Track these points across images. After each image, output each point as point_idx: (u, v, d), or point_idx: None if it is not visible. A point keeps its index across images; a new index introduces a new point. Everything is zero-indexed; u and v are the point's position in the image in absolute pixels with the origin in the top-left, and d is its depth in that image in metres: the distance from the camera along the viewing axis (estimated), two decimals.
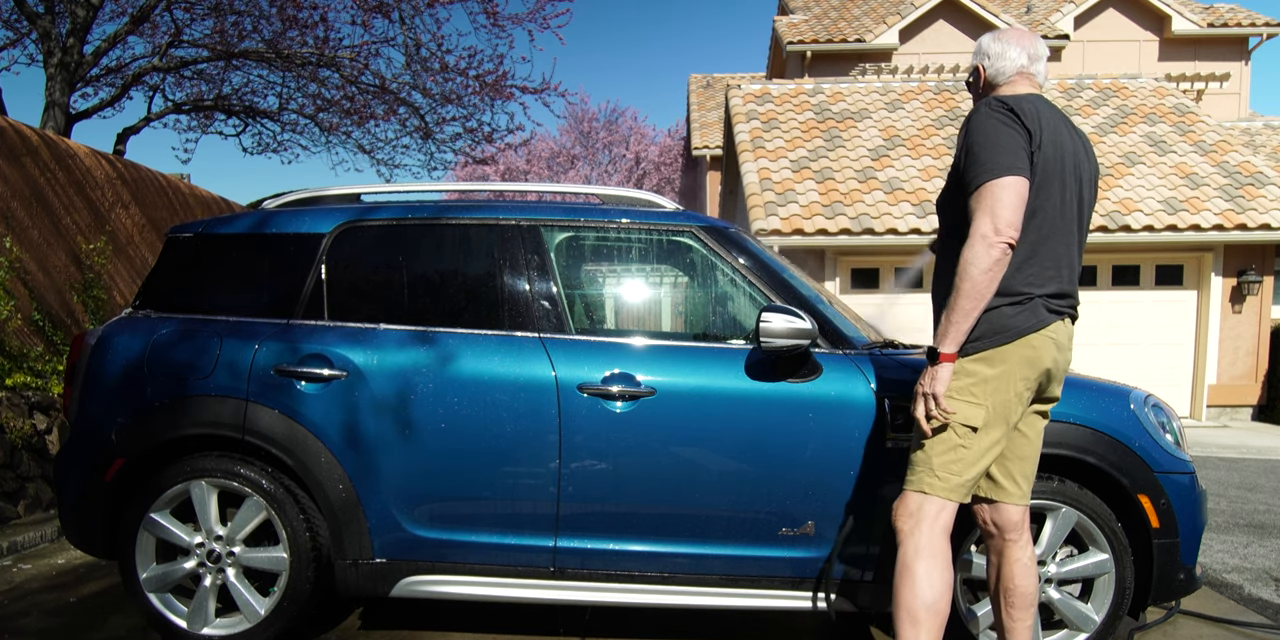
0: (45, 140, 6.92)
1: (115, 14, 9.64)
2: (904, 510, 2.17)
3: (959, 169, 2.16)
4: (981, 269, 2.00)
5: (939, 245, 2.35)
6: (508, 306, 2.79)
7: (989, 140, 2.07)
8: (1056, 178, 2.13)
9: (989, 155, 2.05)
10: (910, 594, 2.11)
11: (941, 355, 2.07)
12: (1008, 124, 2.09)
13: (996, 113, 2.11)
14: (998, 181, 2.03)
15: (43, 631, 2.99)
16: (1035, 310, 2.13)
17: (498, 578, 2.69)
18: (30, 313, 5.82)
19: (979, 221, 2.03)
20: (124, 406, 2.78)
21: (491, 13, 9.85)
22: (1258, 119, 15.23)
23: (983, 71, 2.31)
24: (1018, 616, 2.24)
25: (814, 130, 11.50)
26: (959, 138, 2.18)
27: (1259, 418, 10.18)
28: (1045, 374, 2.18)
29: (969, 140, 2.11)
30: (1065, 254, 2.18)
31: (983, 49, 2.31)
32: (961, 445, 2.12)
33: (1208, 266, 10.01)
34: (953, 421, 2.12)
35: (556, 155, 26.75)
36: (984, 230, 2.01)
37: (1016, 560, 2.24)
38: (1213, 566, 4.01)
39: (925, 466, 2.14)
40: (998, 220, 2.01)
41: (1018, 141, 2.07)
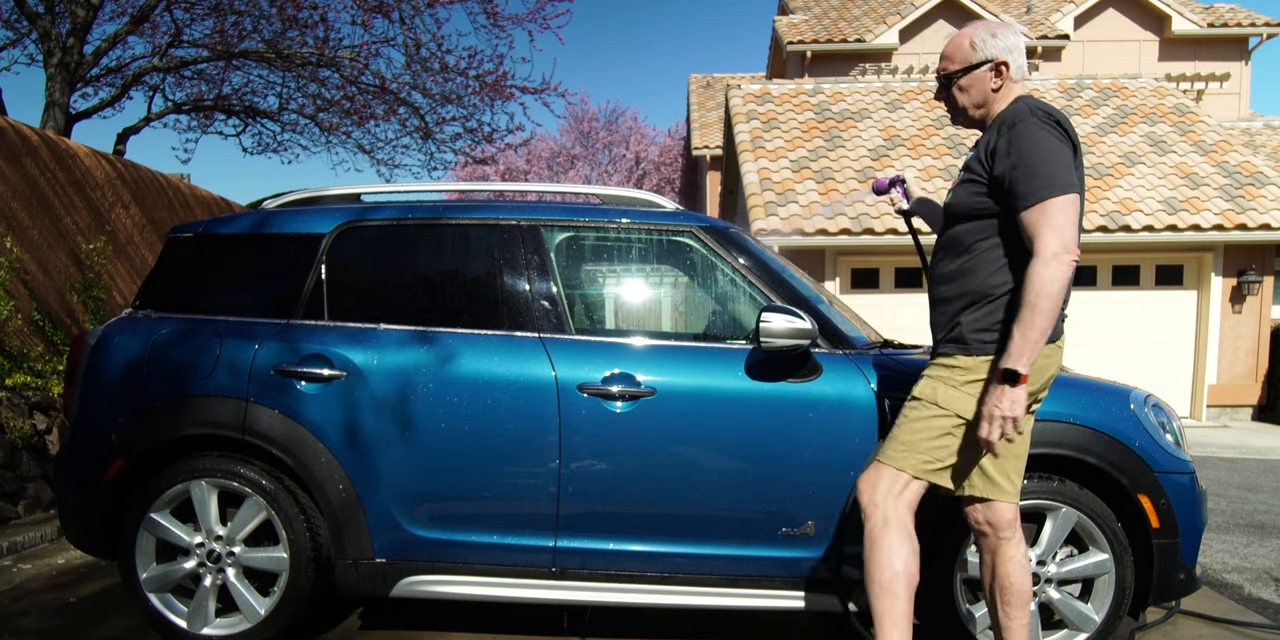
0: (45, 140, 6.92)
1: (115, 14, 9.64)
2: (874, 482, 2.20)
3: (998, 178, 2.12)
4: (1059, 287, 2.02)
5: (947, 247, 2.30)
6: (508, 306, 2.79)
7: (1049, 156, 2.07)
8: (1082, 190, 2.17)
9: (1051, 170, 2.05)
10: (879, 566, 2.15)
11: (1022, 376, 2.04)
12: (1060, 138, 2.10)
13: (1047, 125, 2.10)
14: (1062, 198, 2.04)
15: (43, 631, 2.99)
16: (1059, 321, 2.18)
17: (498, 578, 2.69)
18: (30, 313, 5.82)
19: (1047, 239, 2.03)
20: (124, 406, 2.78)
21: (491, 13, 9.85)
22: (1258, 119, 15.23)
23: (1008, 69, 2.23)
24: (1014, 614, 2.24)
25: (814, 130, 11.50)
26: (998, 144, 2.13)
27: (1259, 418, 10.18)
28: (1048, 383, 2.23)
29: (1024, 153, 2.08)
30: None
31: (1004, 44, 2.22)
32: (950, 435, 2.16)
33: (1208, 266, 10.01)
34: (951, 408, 2.15)
35: (556, 155, 26.75)
36: (1055, 248, 2.02)
37: (1010, 558, 2.24)
38: (1213, 566, 4.01)
39: (909, 446, 2.17)
40: (1065, 238, 2.03)
41: (1069, 157, 2.09)
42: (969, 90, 2.27)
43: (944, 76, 2.29)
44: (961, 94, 2.28)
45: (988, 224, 2.18)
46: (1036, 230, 2.05)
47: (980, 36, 2.23)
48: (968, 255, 2.21)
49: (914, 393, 2.23)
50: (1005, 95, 2.25)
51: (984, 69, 2.23)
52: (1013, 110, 2.18)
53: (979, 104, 2.28)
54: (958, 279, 2.24)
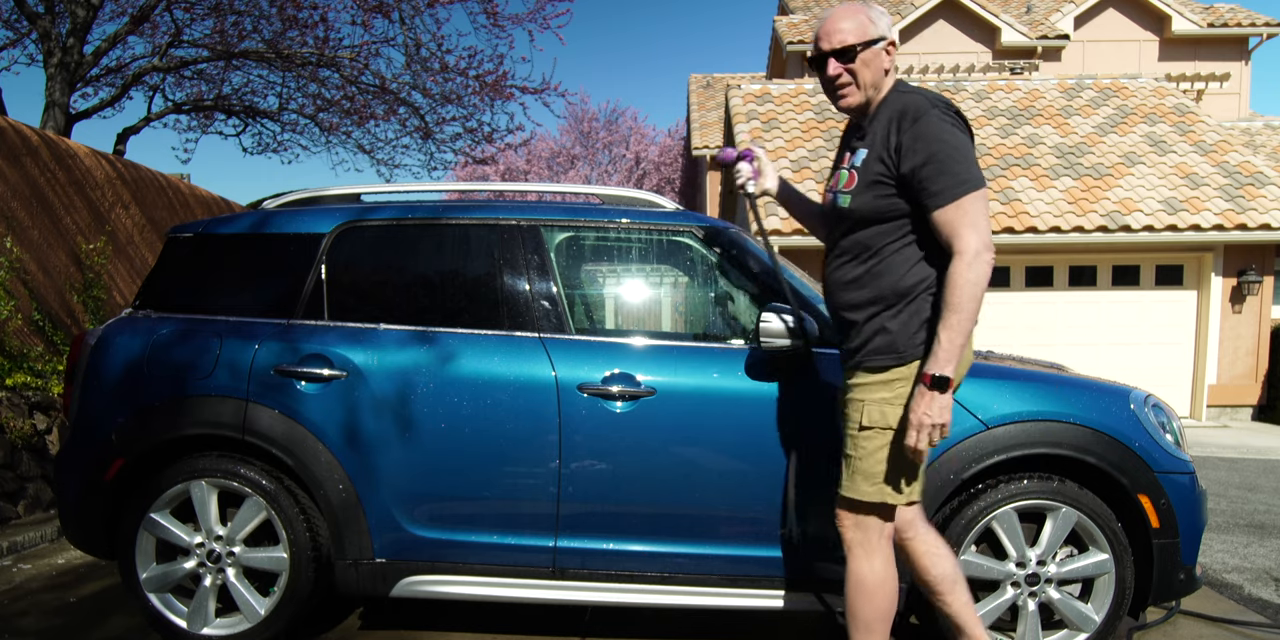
0: (45, 140, 6.92)
1: (115, 14, 9.64)
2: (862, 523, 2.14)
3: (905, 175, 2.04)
4: (983, 287, 1.97)
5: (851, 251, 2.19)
6: (508, 306, 2.79)
7: (958, 151, 2.01)
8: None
9: (962, 167, 1.99)
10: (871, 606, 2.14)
11: (952, 381, 2.00)
12: (963, 131, 2.05)
13: (950, 118, 2.04)
14: (976, 194, 1.99)
15: (43, 631, 2.99)
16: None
17: (498, 578, 2.69)
18: (30, 313, 5.82)
19: (968, 239, 1.97)
20: (124, 406, 2.78)
21: (491, 13, 9.85)
22: (1258, 119, 15.23)
23: (892, 52, 2.14)
24: (950, 599, 2.24)
25: (814, 130, 11.50)
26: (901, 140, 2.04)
27: (1259, 418, 10.18)
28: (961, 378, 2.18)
29: (933, 150, 2.00)
30: None
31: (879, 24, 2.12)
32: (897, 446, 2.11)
33: (1208, 266, 10.01)
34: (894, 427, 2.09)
35: (556, 155, 26.75)
36: (976, 247, 1.96)
37: (925, 552, 2.24)
38: (1213, 566, 4.01)
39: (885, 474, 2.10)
40: (984, 236, 1.98)
41: (973, 150, 2.05)
42: (871, 65, 2.12)
43: (842, 50, 2.11)
44: (864, 69, 2.12)
45: (898, 225, 2.10)
46: (955, 230, 1.98)
47: (874, 13, 2.14)
48: (876, 258, 2.13)
49: (863, 422, 2.11)
50: (888, 81, 2.16)
51: (880, 45, 2.12)
52: (908, 101, 2.08)
53: (874, 84, 2.14)
54: (869, 283, 2.14)
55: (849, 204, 2.14)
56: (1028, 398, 2.63)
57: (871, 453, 2.11)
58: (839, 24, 2.13)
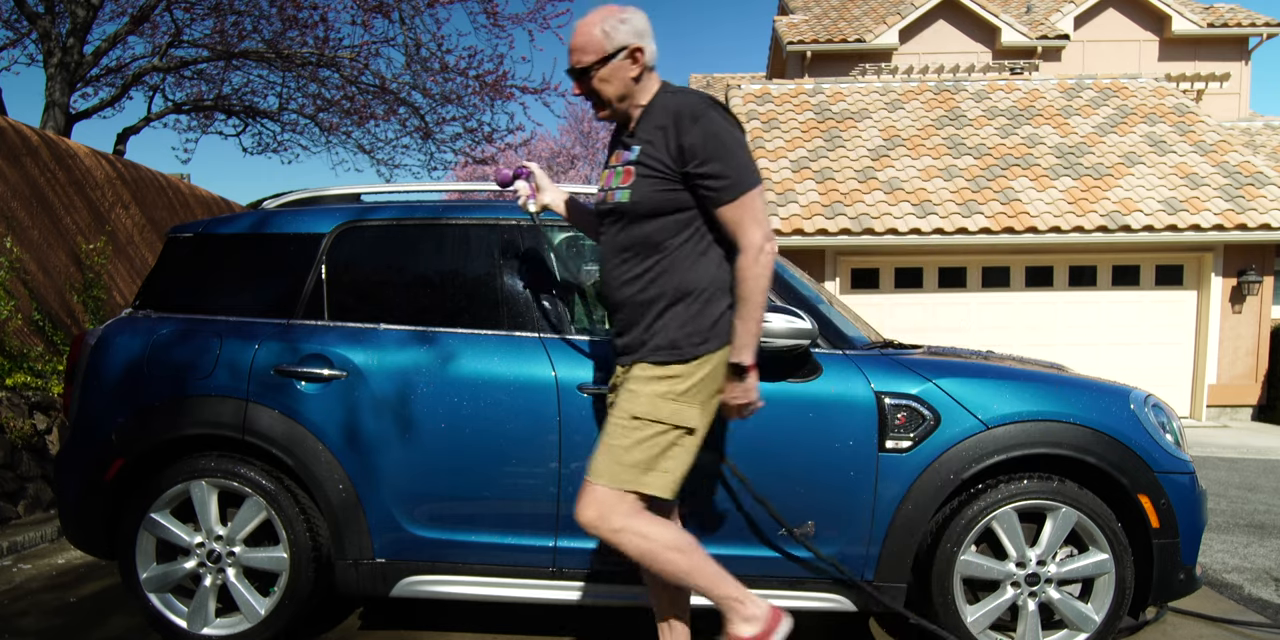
0: (45, 140, 6.92)
1: (115, 14, 9.65)
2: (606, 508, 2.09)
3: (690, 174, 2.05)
4: (768, 278, 2.06)
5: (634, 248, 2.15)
6: (508, 306, 2.79)
7: (738, 149, 2.06)
8: None
9: (742, 164, 2.05)
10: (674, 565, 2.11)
11: (750, 367, 2.10)
12: (740, 130, 2.09)
13: (729, 117, 2.09)
14: (756, 191, 2.06)
15: (43, 631, 2.99)
16: None
17: (498, 578, 2.69)
18: (30, 313, 5.82)
19: (752, 233, 2.04)
20: (124, 406, 2.78)
21: (491, 13, 9.85)
22: (1258, 119, 15.23)
23: (642, 56, 2.11)
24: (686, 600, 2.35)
25: (814, 130, 11.50)
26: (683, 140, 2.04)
27: (1259, 418, 10.18)
28: None
29: (715, 148, 2.02)
30: None
31: (635, 28, 2.10)
32: (678, 446, 2.11)
33: (1208, 266, 10.01)
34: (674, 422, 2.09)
35: (556, 155, 26.74)
36: (760, 241, 2.04)
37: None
38: (1213, 566, 4.01)
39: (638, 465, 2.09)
40: (766, 229, 2.06)
41: (749, 149, 2.10)
42: (611, 81, 2.12)
43: (580, 70, 2.12)
44: (605, 86, 2.12)
45: (679, 221, 2.10)
46: (740, 224, 2.05)
47: (610, 24, 2.09)
48: (660, 254, 2.11)
49: (630, 412, 2.09)
50: (648, 84, 2.15)
51: (620, 57, 2.09)
52: (682, 102, 2.08)
53: (623, 96, 2.14)
54: (656, 279, 2.12)
55: (629, 199, 2.13)
56: (1028, 398, 2.63)
57: (636, 442, 2.08)
58: (575, 41, 2.13)
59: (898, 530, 2.59)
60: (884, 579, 2.62)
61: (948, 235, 9.55)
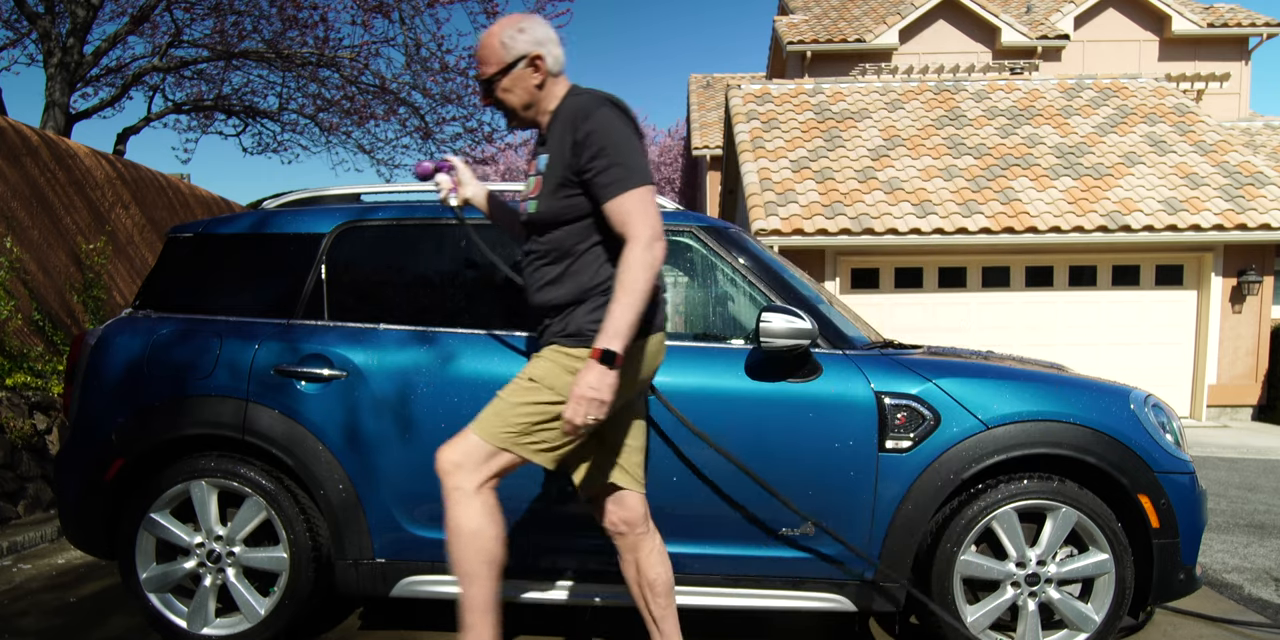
0: (45, 140, 6.92)
1: (115, 14, 9.65)
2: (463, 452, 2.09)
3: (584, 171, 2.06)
4: (655, 271, 2.02)
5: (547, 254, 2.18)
6: (507, 306, 2.79)
7: (628, 145, 2.06)
8: None
9: (632, 160, 2.05)
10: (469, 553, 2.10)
11: (618, 357, 1.99)
12: (631, 127, 2.10)
13: (621, 114, 2.09)
14: (644, 188, 2.05)
15: (43, 631, 2.99)
16: (662, 308, 2.20)
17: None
18: (30, 313, 5.82)
19: (640, 228, 2.02)
20: (124, 406, 2.78)
21: (491, 13, 9.85)
22: (1258, 119, 15.23)
23: (543, 63, 2.14)
24: (663, 603, 2.27)
25: (814, 130, 11.50)
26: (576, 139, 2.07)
27: (1259, 418, 10.18)
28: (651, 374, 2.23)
29: (606, 144, 2.04)
30: None
31: (534, 36, 2.13)
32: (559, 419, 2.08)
33: (1208, 266, 10.01)
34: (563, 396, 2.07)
35: None
36: (649, 235, 2.02)
37: (650, 551, 2.26)
38: (1213, 566, 4.01)
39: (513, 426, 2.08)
40: (654, 224, 2.03)
41: (642, 146, 2.10)
42: (514, 91, 2.16)
43: (485, 82, 2.18)
44: (508, 96, 2.17)
45: (584, 226, 2.13)
46: (628, 219, 2.03)
47: (508, 34, 2.13)
48: (571, 258, 2.15)
49: (529, 374, 2.13)
50: (554, 90, 2.18)
51: (520, 66, 2.13)
52: (579, 102, 2.11)
53: (528, 104, 2.18)
54: (566, 282, 2.15)
55: (535, 209, 2.17)
56: (1028, 398, 2.63)
57: (524, 403, 2.09)
58: (479, 54, 2.18)
59: (898, 530, 2.59)
60: (884, 579, 2.62)
61: (948, 235, 9.55)
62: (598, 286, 2.14)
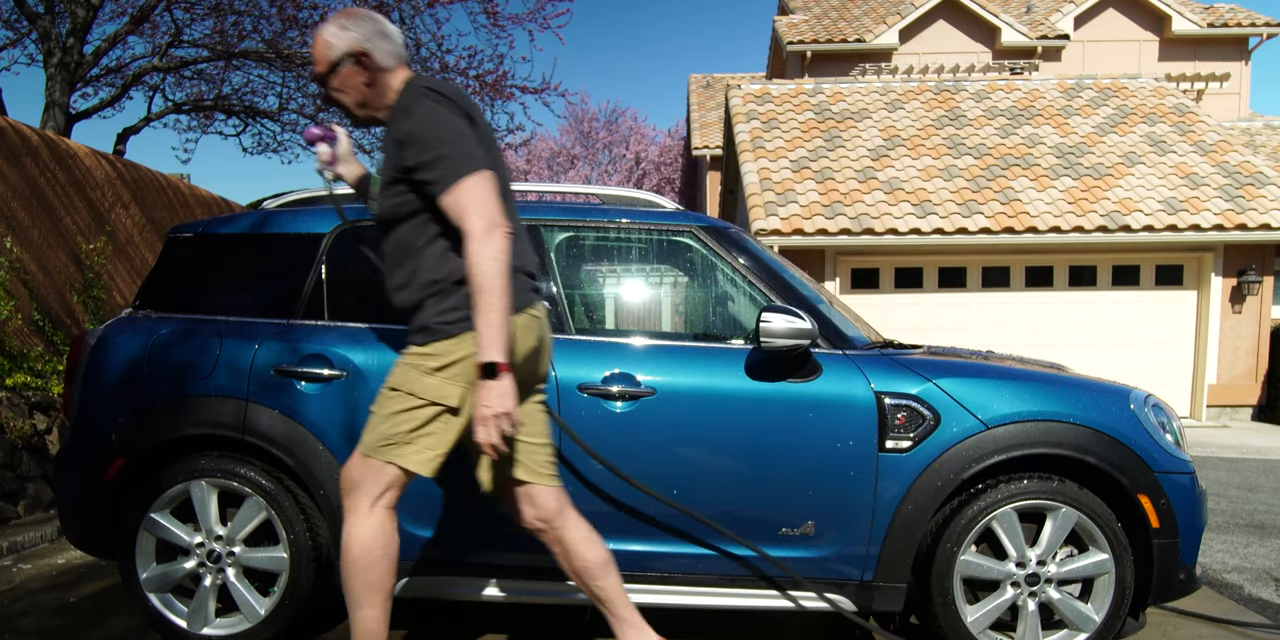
0: (45, 140, 6.92)
1: (115, 14, 9.64)
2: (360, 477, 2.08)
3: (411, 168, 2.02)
4: (503, 262, 1.95)
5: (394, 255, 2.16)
6: None
7: (448, 135, 1.98)
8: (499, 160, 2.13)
9: (454, 151, 1.98)
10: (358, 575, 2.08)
11: (500, 366, 1.95)
12: (455, 113, 2.01)
13: (438, 102, 2.01)
14: (475, 176, 1.97)
15: (43, 631, 2.99)
16: (521, 288, 2.11)
17: (498, 578, 2.69)
18: (30, 313, 5.82)
19: (473, 220, 1.95)
20: (124, 406, 2.78)
21: (491, 13, 9.85)
22: (1258, 119, 15.23)
23: (372, 57, 2.09)
24: (603, 584, 2.24)
25: (814, 130, 11.50)
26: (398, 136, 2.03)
27: (1259, 418, 10.18)
28: (532, 356, 2.15)
29: (424, 139, 1.98)
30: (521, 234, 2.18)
31: (359, 33, 2.10)
32: (435, 422, 2.07)
33: (1208, 266, 10.01)
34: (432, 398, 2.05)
35: (556, 155, 26.75)
36: (484, 227, 1.95)
37: (574, 539, 2.23)
38: (1213, 566, 4.01)
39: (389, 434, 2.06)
40: (490, 214, 1.96)
41: (467, 129, 2.02)
42: (345, 90, 2.13)
43: (318, 82, 2.16)
44: (341, 95, 2.14)
45: (419, 222, 2.08)
46: (461, 212, 1.97)
47: (331, 32, 2.10)
48: (414, 256, 2.10)
49: (390, 384, 2.09)
50: (388, 85, 2.12)
51: (346, 65, 2.10)
52: (401, 98, 2.06)
53: (361, 102, 2.14)
54: (413, 284, 2.11)
55: (375, 210, 2.15)
56: (1028, 398, 2.63)
57: (391, 413, 2.07)
58: (313, 53, 2.16)
59: (898, 530, 2.59)
60: (884, 579, 2.62)
61: (948, 235, 9.55)
62: (440, 281, 2.07)
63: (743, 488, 2.62)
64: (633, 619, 2.27)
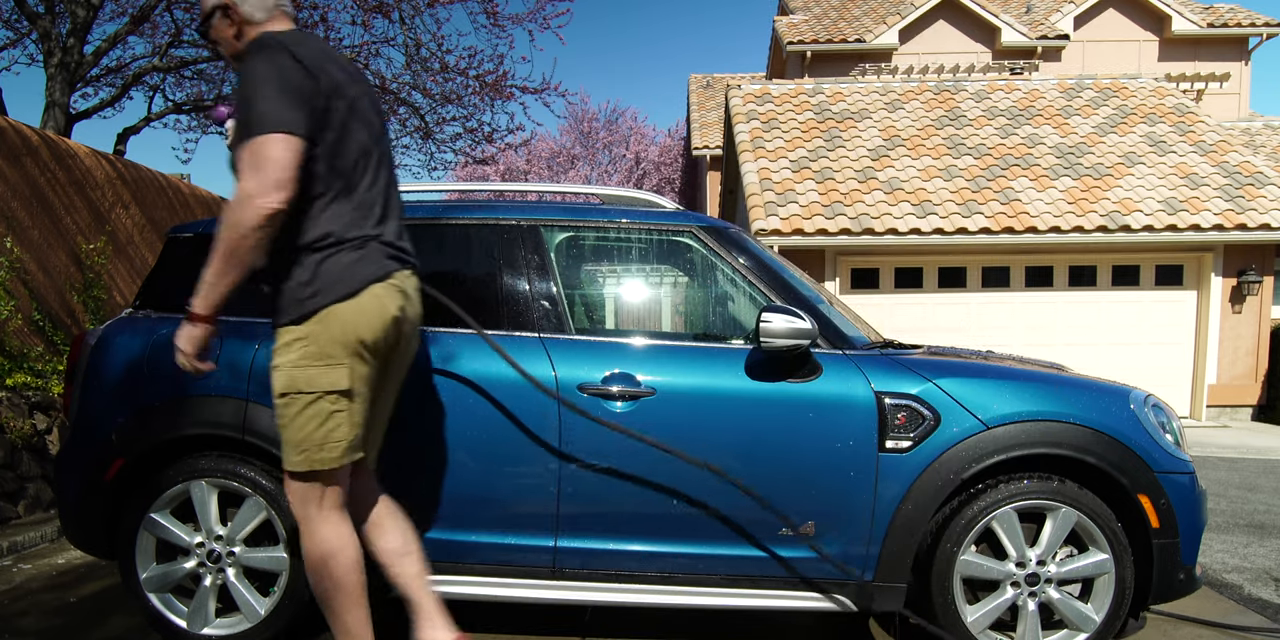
0: (45, 140, 6.92)
1: (115, 14, 9.65)
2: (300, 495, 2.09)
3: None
4: (242, 231, 1.86)
5: None
6: (508, 306, 2.79)
7: (263, 90, 1.89)
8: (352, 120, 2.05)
9: (264, 107, 1.87)
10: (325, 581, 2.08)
11: (197, 316, 1.98)
12: (287, 67, 1.92)
13: (273, 54, 1.93)
14: (270, 137, 1.86)
15: (43, 631, 2.99)
16: (376, 257, 2.05)
17: (498, 578, 2.69)
18: (30, 313, 5.82)
19: (244, 180, 1.86)
20: (124, 406, 2.78)
21: (491, 13, 9.85)
22: (1258, 119, 15.23)
23: (237, 9, 2.08)
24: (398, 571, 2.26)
25: (814, 130, 11.50)
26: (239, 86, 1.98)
27: (1259, 418, 10.18)
28: (395, 326, 2.09)
29: (243, 92, 1.92)
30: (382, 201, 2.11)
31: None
32: (338, 410, 2.04)
33: (1208, 266, 10.01)
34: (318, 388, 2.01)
35: (556, 155, 26.75)
36: (248, 190, 1.85)
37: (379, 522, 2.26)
38: (1213, 566, 4.01)
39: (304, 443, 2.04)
40: (263, 179, 1.85)
41: (295, 86, 1.91)
42: (220, 41, 2.15)
43: (200, 33, 2.19)
44: (218, 47, 2.16)
45: None
46: (241, 170, 1.89)
47: None
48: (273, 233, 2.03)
49: (276, 391, 2.06)
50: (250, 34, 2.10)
51: (216, 17, 2.11)
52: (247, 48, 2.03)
53: (234, 54, 2.13)
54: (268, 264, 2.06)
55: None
56: (1027, 398, 2.63)
57: (292, 420, 2.05)
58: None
59: (898, 530, 2.59)
60: (884, 579, 2.62)
61: (948, 235, 9.55)
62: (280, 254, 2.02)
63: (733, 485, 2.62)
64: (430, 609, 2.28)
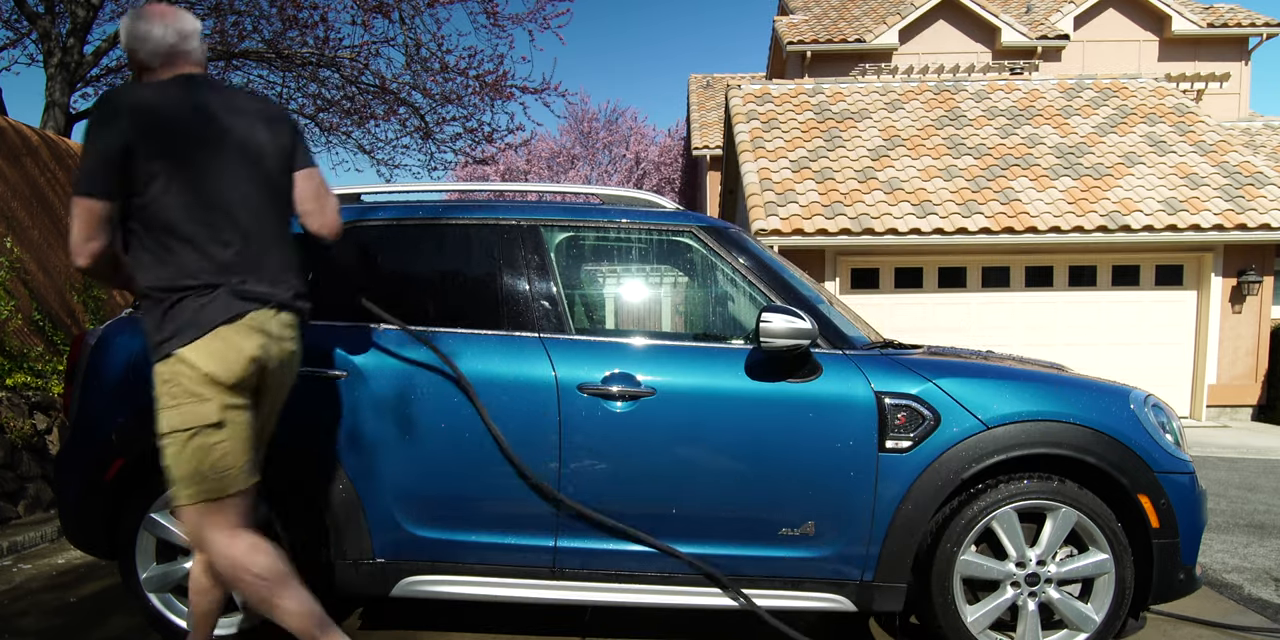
0: (45, 140, 6.92)
1: (115, 14, 9.64)
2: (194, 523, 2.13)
3: None
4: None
5: None
6: (508, 306, 2.79)
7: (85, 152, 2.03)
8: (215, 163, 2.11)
9: (81, 168, 2.04)
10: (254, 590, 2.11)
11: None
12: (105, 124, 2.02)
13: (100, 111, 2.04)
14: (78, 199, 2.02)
15: (43, 631, 2.99)
16: (224, 301, 2.11)
17: (498, 578, 2.69)
18: (30, 313, 5.82)
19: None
20: (124, 406, 2.77)
21: (491, 13, 9.84)
22: (1258, 119, 15.23)
23: (134, 55, 2.16)
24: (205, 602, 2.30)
25: (814, 130, 11.50)
26: None
27: (1259, 418, 10.18)
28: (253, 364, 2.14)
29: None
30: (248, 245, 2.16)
31: (129, 33, 2.15)
32: (219, 442, 2.11)
33: (1208, 266, 10.01)
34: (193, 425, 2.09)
35: (556, 155, 26.75)
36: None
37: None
38: (1213, 566, 4.01)
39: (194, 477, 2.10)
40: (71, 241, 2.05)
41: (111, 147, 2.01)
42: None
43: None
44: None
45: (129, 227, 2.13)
46: None
47: (124, 25, 2.17)
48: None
49: (159, 432, 2.14)
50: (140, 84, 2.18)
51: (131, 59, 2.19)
52: None
53: None
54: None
55: None
56: (1028, 398, 2.63)
57: (176, 457, 2.12)
58: None
59: (898, 530, 2.59)
60: (884, 579, 2.62)
61: (948, 235, 9.55)
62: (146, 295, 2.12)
63: (743, 488, 2.62)
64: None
